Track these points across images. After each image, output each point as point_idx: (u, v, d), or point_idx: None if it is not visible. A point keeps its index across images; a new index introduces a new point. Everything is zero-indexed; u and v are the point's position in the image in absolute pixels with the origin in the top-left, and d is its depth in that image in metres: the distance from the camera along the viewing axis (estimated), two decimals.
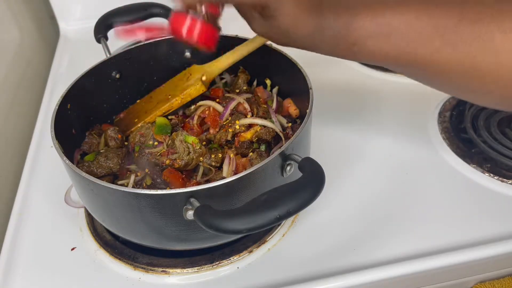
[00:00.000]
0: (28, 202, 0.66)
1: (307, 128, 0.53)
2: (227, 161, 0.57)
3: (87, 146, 0.62)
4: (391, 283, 0.54)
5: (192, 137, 0.58)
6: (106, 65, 0.66)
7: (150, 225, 0.50)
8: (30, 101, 0.91)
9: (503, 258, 0.55)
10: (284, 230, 0.59)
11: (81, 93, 0.62)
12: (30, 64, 0.96)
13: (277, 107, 0.65)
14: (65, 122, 0.58)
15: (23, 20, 0.99)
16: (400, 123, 0.73)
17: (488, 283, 0.59)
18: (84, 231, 0.61)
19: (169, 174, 0.55)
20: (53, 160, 0.64)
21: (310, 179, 0.43)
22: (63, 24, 1.04)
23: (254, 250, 0.57)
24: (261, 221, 0.39)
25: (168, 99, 0.64)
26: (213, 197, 0.46)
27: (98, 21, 0.70)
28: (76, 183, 0.53)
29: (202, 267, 0.56)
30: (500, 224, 0.57)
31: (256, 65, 0.68)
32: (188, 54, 0.70)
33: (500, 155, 0.65)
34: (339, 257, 0.55)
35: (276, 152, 0.48)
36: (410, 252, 0.55)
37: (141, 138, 0.61)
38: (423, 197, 0.62)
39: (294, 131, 0.61)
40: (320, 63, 0.57)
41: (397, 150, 0.69)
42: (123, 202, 0.48)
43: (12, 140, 0.82)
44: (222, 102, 0.63)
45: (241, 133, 0.59)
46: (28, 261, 0.59)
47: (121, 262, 0.57)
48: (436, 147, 0.69)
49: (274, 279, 0.54)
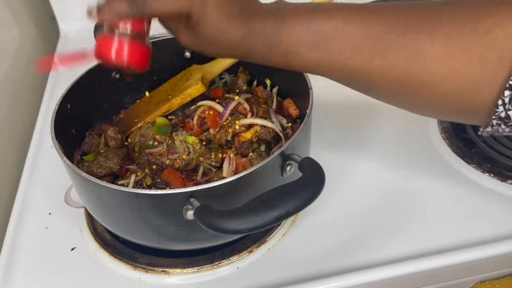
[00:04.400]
0: (28, 202, 0.66)
1: (307, 128, 0.53)
2: (227, 161, 0.57)
3: (87, 146, 0.62)
4: (391, 283, 0.54)
5: (192, 137, 0.58)
6: None
7: (150, 225, 0.50)
8: (30, 101, 0.91)
9: (503, 258, 0.55)
10: (284, 230, 0.59)
11: (81, 93, 0.62)
12: (30, 64, 0.96)
13: (277, 107, 0.65)
14: (65, 122, 0.58)
15: (23, 20, 0.99)
16: (400, 123, 0.73)
17: (488, 283, 0.59)
18: (84, 231, 0.61)
19: (169, 174, 0.55)
20: (53, 160, 0.64)
21: (310, 179, 0.43)
22: (63, 24, 1.03)
23: (254, 250, 0.57)
24: (261, 221, 0.40)
25: (168, 99, 0.65)
26: (213, 197, 0.46)
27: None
28: (76, 183, 0.53)
29: (202, 267, 0.56)
30: (500, 224, 0.57)
31: (256, 65, 0.67)
32: (188, 54, 0.70)
33: (500, 155, 0.65)
34: (339, 257, 0.55)
35: (276, 152, 0.48)
36: (410, 252, 0.55)
37: (141, 138, 0.61)
38: (423, 197, 0.62)
39: (294, 131, 0.61)
40: None
41: (397, 149, 0.69)
42: (123, 202, 0.48)
43: (12, 140, 0.82)
44: (222, 102, 0.63)
45: (241, 133, 0.59)
46: (28, 261, 0.59)
47: (121, 262, 0.57)
48: (436, 147, 0.69)
49: (274, 279, 0.54)
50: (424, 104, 0.44)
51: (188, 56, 0.70)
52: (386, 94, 0.46)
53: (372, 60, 0.42)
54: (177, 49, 0.70)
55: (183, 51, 0.70)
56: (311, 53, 0.44)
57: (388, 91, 0.44)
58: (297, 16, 0.44)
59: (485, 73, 0.39)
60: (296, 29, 0.43)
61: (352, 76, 0.44)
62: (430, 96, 0.42)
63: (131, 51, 0.46)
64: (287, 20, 0.44)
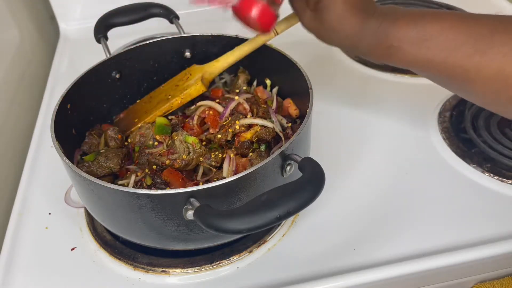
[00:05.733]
0: (28, 202, 0.66)
1: (307, 128, 0.53)
2: (227, 161, 0.57)
3: (87, 146, 0.62)
4: (391, 283, 0.54)
5: (192, 137, 0.58)
6: (106, 65, 0.65)
7: (150, 225, 0.50)
8: (30, 101, 0.91)
9: (503, 258, 0.55)
10: (284, 230, 0.59)
11: (81, 93, 0.62)
12: (30, 64, 0.96)
13: (277, 107, 0.65)
14: (65, 122, 0.58)
15: (23, 20, 0.99)
16: (400, 123, 0.73)
17: (488, 283, 0.59)
18: (84, 231, 0.61)
19: (169, 174, 0.55)
20: (53, 160, 0.64)
21: (310, 179, 0.43)
22: (63, 24, 1.03)
23: (254, 250, 0.57)
24: (261, 221, 0.39)
25: (168, 99, 0.65)
26: (213, 197, 0.46)
27: (98, 21, 0.70)
28: (76, 183, 0.53)
29: (202, 267, 0.56)
30: (500, 224, 0.57)
31: (256, 65, 0.68)
32: (188, 54, 0.70)
33: (500, 155, 0.65)
34: (339, 257, 0.55)
35: (276, 152, 0.48)
36: (410, 252, 0.55)
37: (141, 138, 0.61)
38: (423, 197, 0.62)
39: (294, 131, 0.61)
40: (320, 63, 0.57)
41: (397, 150, 0.69)
42: (123, 202, 0.48)
43: (12, 140, 0.82)
44: (222, 102, 0.63)
45: (241, 133, 0.59)
46: (28, 261, 0.59)
47: (121, 262, 0.57)
48: (436, 147, 0.69)
49: (274, 279, 0.54)
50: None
51: (188, 56, 0.70)
52: (479, 91, 0.49)
53: (471, 58, 0.46)
54: (177, 49, 0.70)
55: (183, 51, 0.70)
56: (413, 49, 0.49)
57: (480, 88, 0.48)
58: (407, 16, 0.49)
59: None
60: (404, 27, 0.49)
61: (449, 72, 0.48)
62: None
63: (265, 13, 0.53)
64: (399, 18, 0.49)
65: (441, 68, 0.49)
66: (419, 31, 0.48)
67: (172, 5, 0.74)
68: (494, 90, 0.47)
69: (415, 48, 0.49)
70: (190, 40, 0.69)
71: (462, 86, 0.50)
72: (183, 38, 0.69)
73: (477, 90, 0.49)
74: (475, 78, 0.47)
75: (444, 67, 0.48)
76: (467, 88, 0.49)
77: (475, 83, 0.48)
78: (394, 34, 0.49)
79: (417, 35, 0.48)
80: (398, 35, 0.49)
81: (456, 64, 0.47)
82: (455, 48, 0.47)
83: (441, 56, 0.48)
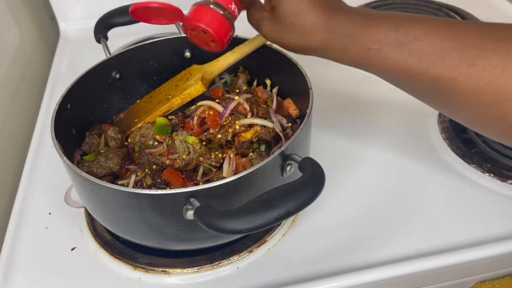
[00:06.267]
0: (28, 202, 0.66)
1: (307, 128, 0.53)
2: (227, 161, 0.57)
3: (87, 146, 0.62)
4: (391, 283, 0.54)
5: (192, 137, 0.58)
6: (106, 65, 0.66)
7: (150, 225, 0.50)
8: (30, 101, 0.91)
9: (503, 258, 0.55)
10: (284, 230, 0.59)
11: (81, 93, 0.62)
12: (30, 64, 0.96)
13: (277, 107, 0.65)
14: (65, 122, 0.58)
15: (23, 20, 0.99)
16: (400, 123, 0.73)
17: (488, 283, 0.59)
18: (84, 231, 0.61)
19: (169, 174, 0.55)
20: (53, 160, 0.64)
21: (310, 179, 0.43)
22: (63, 24, 1.03)
23: (254, 250, 0.57)
24: (261, 221, 0.39)
25: (168, 99, 0.64)
26: (213, 197, 0.46)
27: (98, 21, 0.70)
28: (76, 183, 0.53)
29: (202, 267, 0.56)
30: (500, 224, 0.57)
31: (256, 65, 0.68)
32: (188, 54, 0.70)
33: (500, 155, 0.65)
34: (339, 257, 0.55)
35: (276, 152, 0.48)
36: (410, 252, 0.55)
37: (141, 138, 0.61)
38: (423, 197, 0.62)
39: (294, 131, 0.61)
40: (320, 63, 0.56)
41: (397, 150, 0.69)
42: (123, 202, 0.48)
43: (12, 140, 0.82)
44: (222, 102, 0.63)
45: (241, 133, 0.59)
46: (28, 261, 0.59)
47: (121, 262, 0.57)
48: (436, 147, 0.69)
49: (274, 279, 0.54)
50: (501, 117, 0.41)
51: (188, 56, 0.70)
52: (466, 106, 0.43)
53: (458, 67, 0.41)
54: (177, 49, 0.70)
55: (183, 51, 0.70)
56: (394, 53, 0.44)
57: (466, 101, 0.42)
58: (386, 17, 0.45)
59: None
60: (384, 28, 0.44)
61: (433, 82, 0.43)
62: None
63: (221, 25, 0.52)
64: (375, 19, 0.45)
65: (424, 77, 0.43)
66: (401, 33, 0.43)
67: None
68: (482, 104, 0.41)
69: (396, 52, 0.43)
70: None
71: (446, 100, 0.44)
72: (183, 38, 0.69)
73: (464, 105, 0.43)
74: (462, 90, 0.41)
75: (428, 77, 0.43)
76: (452, 101, 0.44)
77: (462, 96, 0.42)
78: (372, 35, 0.44)
79: (399, 38, 0.43)
80: (378, 37, 0.44)
81: (441, 73, 0.42)
82: (440, 55, 0.42)
83: (425, 63, 0.42)
